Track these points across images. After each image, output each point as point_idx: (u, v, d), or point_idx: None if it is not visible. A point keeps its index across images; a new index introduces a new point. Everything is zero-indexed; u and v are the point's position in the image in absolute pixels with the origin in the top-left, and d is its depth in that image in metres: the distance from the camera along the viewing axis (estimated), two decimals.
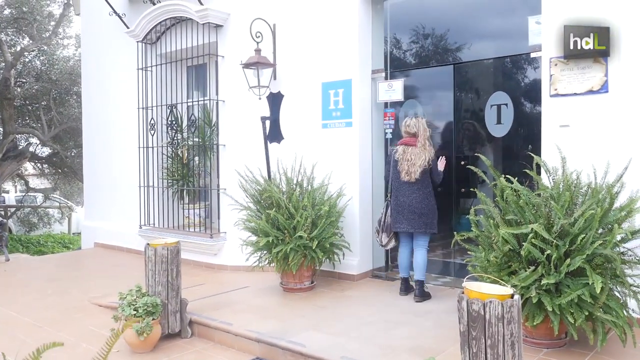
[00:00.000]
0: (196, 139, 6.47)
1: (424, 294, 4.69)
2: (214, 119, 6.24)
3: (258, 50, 5.53)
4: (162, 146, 6.87)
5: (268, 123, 5.96)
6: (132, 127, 7.03)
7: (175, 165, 6.67)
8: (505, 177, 3.60)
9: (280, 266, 4.85)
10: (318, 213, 4.82)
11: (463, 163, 5.30)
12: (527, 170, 3.57)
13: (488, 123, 5.20)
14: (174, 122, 6.65)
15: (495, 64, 5.30)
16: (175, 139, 6.66)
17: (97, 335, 4.16)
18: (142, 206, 6.82)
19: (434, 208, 4.71)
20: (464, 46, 5.38)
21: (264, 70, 5.70)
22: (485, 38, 5.28)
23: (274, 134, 5.97)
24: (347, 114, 5.47)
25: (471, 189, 4.22)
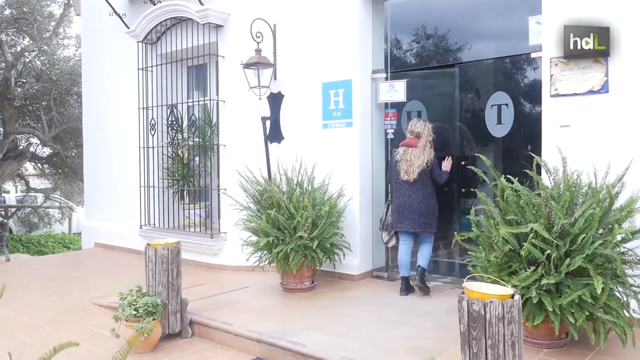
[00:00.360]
0: (196, 139, 6.48)
1: (423, 282, 4.79)
2: (214, 119, 6.25)
3: (258, 51, 5.53)
4: (163, 146, 6.88)
5: (268, 123, 5.96)
6: (133, 127, 7.04)
7: (176, 166, 6.68)
8: (505, 177, 3.60)
9: (280, 266, 4.85)
10: (318, 213, 4.82)
11: (463, 163, 5.31)
12: (528, 171, 3.57)
13: (488, 123, 5.20)
14: (174, 122, 6.65)
15: (495, 64, 5.30)
16: (175, 139, 6.67)
17: (98, 335, 4.16)
18: (143, 206, 6.82)
19: (434, 209, 4.77)
20: (465, 46, 5.38)
21: (264, 70, 5.70)
22: (486, 38, 5.28)
23: (275, 134, 5.97)
24: (348, 114, 5.47)
25: (471, 189, 4.22)
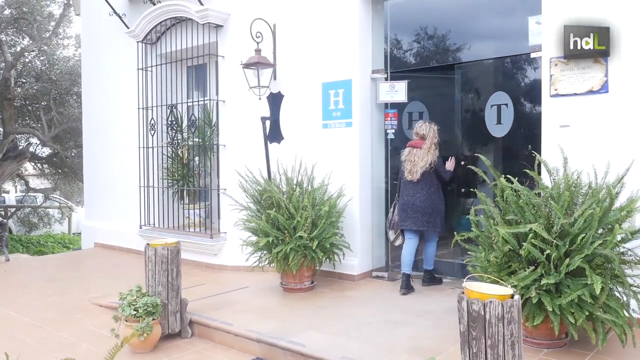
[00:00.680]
0: (196, 139, 6.48)
1: (432, 281, 5.08)
2: (214, 119, 6.25)
3: (258, 51, 5.53)
4: (162, 146, 6.88)
5: (268, 123, 5.95)
6: (132, 127, 7.04)
7: (176, 166, 6.68)
8: (505, 177, 3.60)
9: (280, 266, 4.85)
10: (318, 213, 4.82)
11: (463, 163, 5.31)
12: (528, 170, 3.57)
13: (488, 123, 5.20)
14: (174, 122, 6.65)
15: (495, 64, 5.30)
16: (175, 139, 6.66)
17: (98, 335, 4.16)
18: (142, 206, 6.82)
19: (438, 207, 4.89)
20: (464, 46, 5.37)
21: (264, 70, 5.70)
22: (486, 38, 5.27)
23: (274, 134, 5.97)
24: (347, 114, 5.47)
25: (471, 189, 4.23)
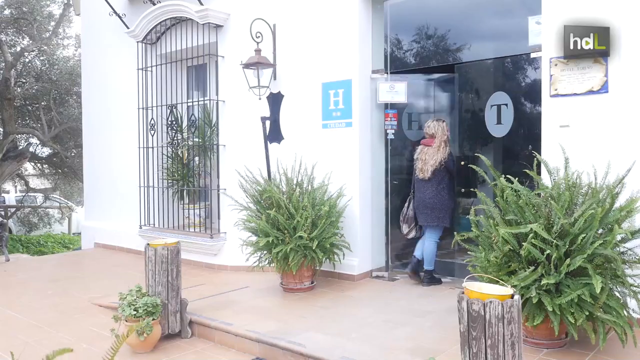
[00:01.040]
0: (196, 139, 6.47)
1: (432, 281, 5.15)
2: (214, 119, 6.24)
3: (258, 51, 5.53)
4: (162, 146, 6.87)
5: (268, 123, 5.96)
6: (132, 127, 7.03)
7: (176, 166, 6.67)
8: (505, 177, 3.60)
9: (280, 266, 4.85)
10: (318, 213, 4.82)
11: (463, 163, 5.31)
12: (528, 171, 3.57)
13: (488, 123, 5.20)
14: (174, 122, 6.65)
15: (495, 64, 5.30)
16: (175, 139, 6.66)
17: (97, 335, 4.16)
18: (142, 206, 6.82)
19: (446, 203, 5.05)
20: (464, 46, 5.38)
21: (264, 70, 5.70)
22: (486, 38, 5.27)
23: (274, 134, 5.97)
24: (347, 114, 5.47)
25: (471, 189, 4.23)
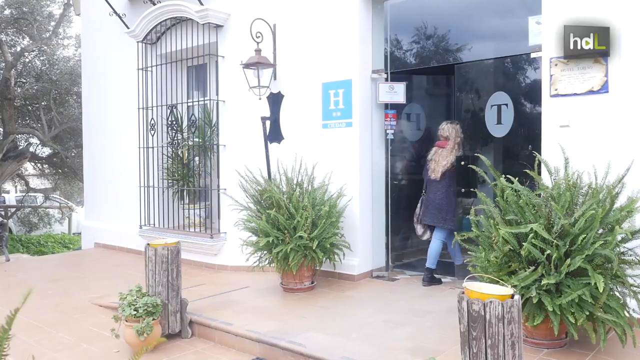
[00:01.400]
0: (196, 139, 6.47)
1: (432, 280, 5.16)
2: (214, 119, 6.24)
3: (258, 51, 5.53)
4: (162, 146, 6.87)
5: (268, 123, 5.95)
6: (132, 127, 7.03)
7: (176, 166, 6.67)
8: (505, 177, 3.60)
9: (280, 266, 4.85)
10: (318, 213, 4.82)
11: (463, 163, 5.30)
12: (528, 171, 3.57)
13: (488, 123, 5.19)
14: (174, 122, 6.65)
15: (495, 64, 5.29)
16: (175, 139, 6.66)
17: (98, 335, 4.16)
18: (142, 206, 6.82)
19: (454, 205, 5.10)
20: (464, 46, 5.37)
21: (264, 70, 5.70)
22: (486, 38, 5.27)
23: (274, 134, 5.96)
24: (348, 114, 5.47)
25: (471, 189, 4.23)
